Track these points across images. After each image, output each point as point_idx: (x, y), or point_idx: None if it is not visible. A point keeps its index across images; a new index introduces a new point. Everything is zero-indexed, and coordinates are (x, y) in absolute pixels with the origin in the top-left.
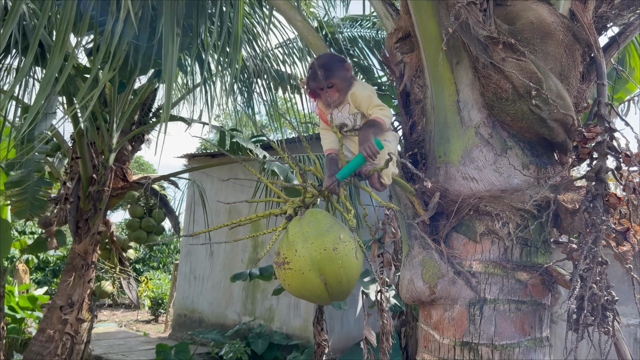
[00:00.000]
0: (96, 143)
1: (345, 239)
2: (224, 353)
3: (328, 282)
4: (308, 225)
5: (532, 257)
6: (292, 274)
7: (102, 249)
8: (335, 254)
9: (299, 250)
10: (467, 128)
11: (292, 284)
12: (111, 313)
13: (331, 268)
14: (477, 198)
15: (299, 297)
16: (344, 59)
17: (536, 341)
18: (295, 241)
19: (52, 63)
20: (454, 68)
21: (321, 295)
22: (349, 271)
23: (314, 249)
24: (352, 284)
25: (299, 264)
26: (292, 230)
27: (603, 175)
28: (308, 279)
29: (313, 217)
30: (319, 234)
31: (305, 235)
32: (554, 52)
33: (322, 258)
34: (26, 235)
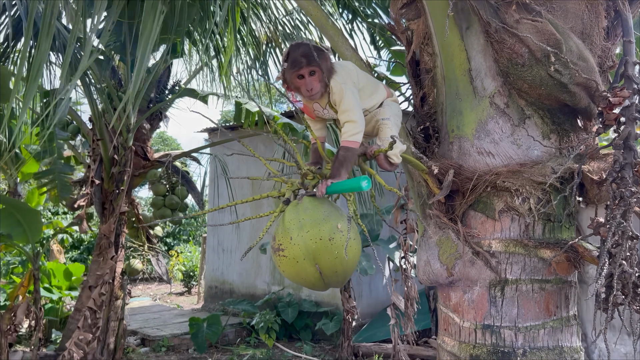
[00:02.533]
0: (114, 124)
1: (343, 229)
2: (255, 323)
3: (323, 271)
4: (305, 212)
5: (556, 232)
6: (286, 261)
7: (129, 227)
8: (331, 244)
9: (294, 238)
10: (481, 98)
11: (286, 270)
12: (145, 287)
13: (326, 258)
14: (494, 174)
15: (295, 282)
16: (324, 48)
17: (562, 321)
18: (291, 228)
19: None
20: (464, 34)
21: (316, 283)
22: (344, 262)
23: (309, 238)
24: (349, 273)
25: (293, 252)
26: (288, 216)
27: (632, 142)
28: (302, 268)
29: (311, 204)
30: (315, 223)
31: (301, 223)
32: (574, 8)
33: (317, 248)
34: (59, 216)
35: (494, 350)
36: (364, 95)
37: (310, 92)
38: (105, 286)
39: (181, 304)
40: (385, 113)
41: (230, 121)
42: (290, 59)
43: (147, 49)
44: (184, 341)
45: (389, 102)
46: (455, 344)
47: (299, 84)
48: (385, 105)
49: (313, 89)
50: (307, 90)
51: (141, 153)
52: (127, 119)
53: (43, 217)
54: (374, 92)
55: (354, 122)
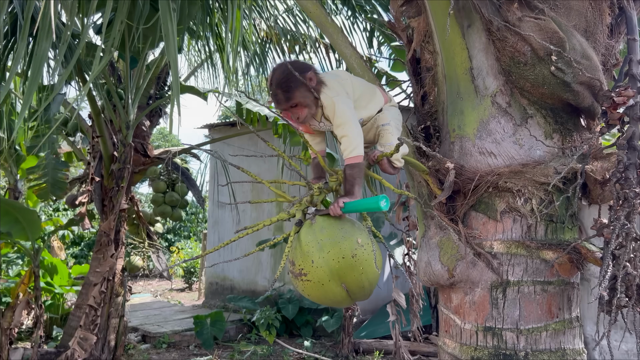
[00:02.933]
0: (113, 121)
1: (363, 242)
2: (256, 319)
3: (350, 289)
4: (321, 232)
5: (559, 233)
6: (311, 285)
7: (129, 224)
8: (355, 260)
9: (316, 261)
10: (483, 97)
11: (312, 294)
12: (146, 283)
13: (352, 276)
14: (495, 175)
15: (321, 303)
16: (304, 67)
17: (565, 323)
18: (310, 251)
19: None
20: (465, 32)
21: (343, 301)
22: (370, 275)
23: (331, 259)
24: (374, 285)
25: (317, 276)
26: (305, 238)
27: (636, 142)
28: (329, 290)
29: (326, 223)
30: (334, 242)
31: (320, 244)
32: (577, 5)
33: (341, 267)
34: (60, 212)
35: (496, 352)
36: (360, 105)
37: (298, 121)
38: (106, 283)
39: (182, 300)
40: (385, 118)
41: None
42: (272, 92)
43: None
44: (185, 338)
45: (388, 107)
46: (456, 346)
47: (287, 115)
48: (385, 110)
49: (300, 118)
50: (294, 119)
51: (141, 150)
52: (127, 115)
53: (44, 212)
54: (370, 100)
55: (348, 136)
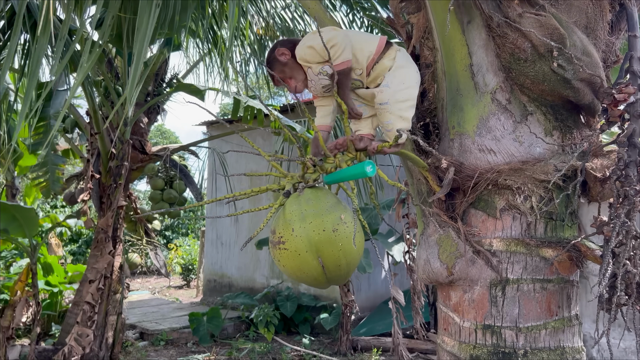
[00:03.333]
0: (111, 118)
1: (347, 220)
2: (254, 316)
3: (326, 265)
4: (307, 204)
5: (558, 231)
6: (287, 254)
7: (127, 221)
8: (335, 235)
9: (296, 229)
10: (483, 94)
11: (287, 265)
12: (144, 280)
13: (330, 250)
14: (495, 172)
15: (295, 279)
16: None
17: (564, 321)
18: (293, 220)
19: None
20: (465, 28)
21: (318, 278)
22: (349, 255)
23: (312, 229)
24: (352, 268)
25: (295, 245)
26: (289, 207)
27: (636, 139)
28: (304, 261)
29: (313, 195)
30: (318, 213)
31: (303, 214)
32: (578, 2)
33: (320, 239)
34: (57, 209)
35: (495, 350)
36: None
37: (295, 90)
38: (103, 280)
39: (180, 297)
40: (384, 97)
41: (229, 114)
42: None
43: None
44: (183, 335)
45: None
46: (455, 344)
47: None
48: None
49: (292, 87)
50: (292, 90)
51: (139, 146)
52: (125, 112)
53: (41, 210)
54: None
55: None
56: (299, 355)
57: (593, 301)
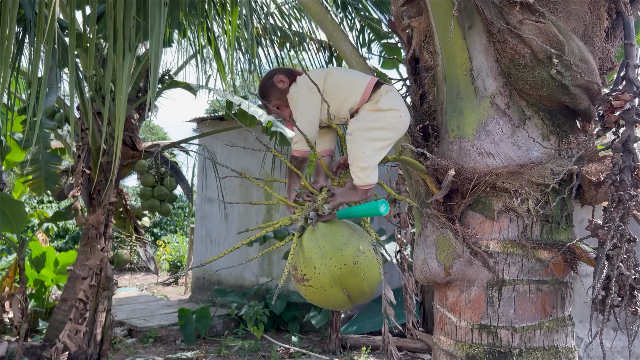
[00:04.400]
0: (102, 113)
1: (365, 249)
2: (243, 314)
3: (351, 294)
4: (324, 239)
5: (554, 234)
6: (313, 290)
7: (117, 218)
8: (356, 267)
9: (318, 267)
10: (482, 98)
11: (314, 299)
12: (132, 277)
13: (353, 282)
14: (494, 175)
15: (323, 307)
16: (272, 73)
17: (558, 321)
18: (313, 257)
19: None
20: (466, 33)
21: (344, 305)
22: (371, 281)
23: (333, 265)
24: (375, 289)
25: (319, 282)
26: (307, 244)
27: (631, 145)
28: (330, 295)
29: (328, 230)
30: (336, 249)
31: (322, 251)
32: (577, 10)
33: (342, 273)
34: (44, 205)
35: (491, 350)
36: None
37: (285, 119)
38: (95, 277)
39: (168, 294)
40: (351, 126)
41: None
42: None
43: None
44: (172, 332)
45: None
46: (451, 343)
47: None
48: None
49: (284, 117)
50: (281, 119)
51: (129, 143)
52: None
53: (28, 205)
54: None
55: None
56: (288, 353)
57: (580, 302)
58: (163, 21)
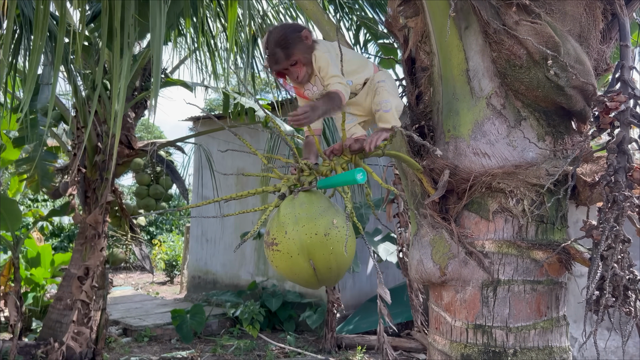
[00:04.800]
0: (98, 112)
1: (339, 224)
2: (239, 313)
3: (317, 267)
4: (301, 207)
5: (549, 234)
6: (280, 255)
7: (112, 216)
8: (327, 239)
9: (289, 232)
10: (478, 99)
11: (279, 265)
12: (127, 276)
13: (321, 254)
14: (489, 175)
15: (287, 279)
16: (299, 27)
17: (553, 321)
18: (286, 222)
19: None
20: (463, 34)
21: (309, 280)
22: (339, 258)
23: (304, 233)
24: (343, 271)
25: (287, 247)
26: (283, 210)
27: (626, 146)
28: (296, 263)
29: (307, 199)
30: (311, 217)
31: (296, 218)
32: (572, 11)
33: (312, 242)
34: (39, 203)
35: (485, 349)
36: (349, 69)
37: (298, 80)
38: (89, 276)
39: (163, 293)
40: (381, 76)
41: (215, 109)
42: (269, 52)
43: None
44: (167, 331)
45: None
46: (446, 343)
47: (285, 74)
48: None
49: (299, 77)
50: (293, 79)
51: (125, 141)
52: (112, 105)
53: (22, 204)
54: (360, 66)
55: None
56: (283, 353)
57: (574, 302)
58: (163, 20)
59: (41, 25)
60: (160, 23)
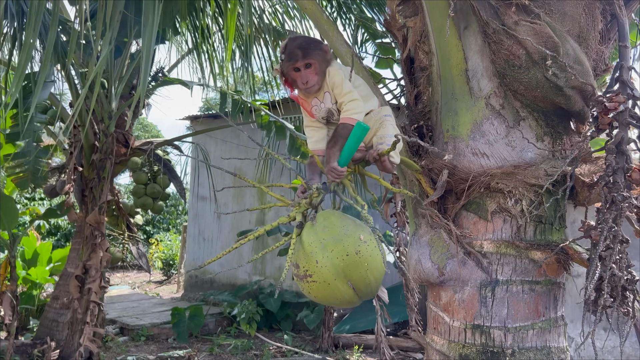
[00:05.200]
0: (95, 110)
1: (366, 239)
2: (237, 313)
3: (356, 286)
4: (323, 232)
5: (547, 234)
6: (317, 286)
7: (109, 215)
8: (359, 257)
9: (320, 260)
10: (477, 99)
11: (318, 296)
12: (124, 275)
13: (357, 273)
14: (488, 175)
15: (329, 305)
16: (321, 40)
17: (551, 322)
18: (314, 252)
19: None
20: (462, 34)
21: (351, 300)
22: (375, 271)
23: (335, 257)
24: (380, 280)
25: (322, 276)
26: (307, 239)
27: (625, 147)
28: (335, 289)
29: (327, 222)
30: (337, 240)
31: (323, 244)
32: (571, 11)
33: (345, 264)
34: (36, 202)
35: (483, 350)
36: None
37: (306, 85)
38: (90, 276)
39: (160, 292)
40: (387, 110)
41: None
42: (287, 52)
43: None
44: (164, 330)
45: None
46: (444, 343)
47: (295, 77)
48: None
49: (309, 82)
50: (303, 83)
51: (122, 140)
52: (109, 105)
53: (18, 203)
54: (368, 96)
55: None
56: (281, 352)
57: (571, 302)
58: (157, 17)
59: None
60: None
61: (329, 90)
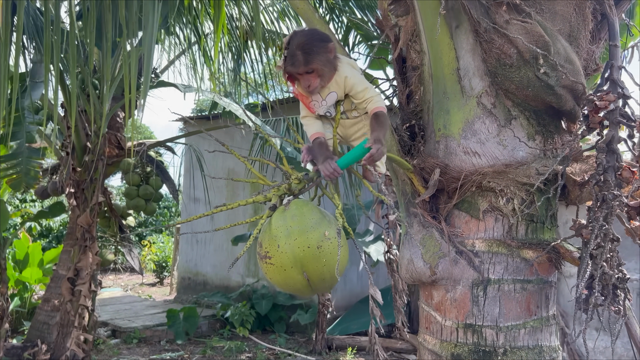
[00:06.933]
0: (87, 111)
1: (331, 236)
2: (229, 315)
3: (311, 279)
4: (292, 220)
5: (538, 233)
6: (273, 269)
7: (101, 217)
8: (319, 252)
9: (282, 246)
10: (469, 98)
11: (273, 278)
12: (116, 277)
13: (314, 266)
14: (479, 174)
15: (281, 290)
16: (326, 38)
17: (542, 320)
18: (278, 236)
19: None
20: (453, 32)
21: (303, 290)
22: (332, 269)
23: (297, 246)
24: (336, 280)
25: (280, 260)
26: (275, 223)
27: (615, 145)
28: (290, 276)
29: (298, 211)
30: (303, 230)
31: (288, 231)
32: (562, 11)
33: (304, 256)
34: (27, 204)
35: (475, 349)
36: None
37: (309, 89)
38: (81, 279)
39: (153, 294)
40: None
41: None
42: (289, 54)
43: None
44: (156, 333)
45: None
46: (436, 342)
47: (298, 77)
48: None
49: (311, 86)
50: (305, 86)
51: (115, 142)
52: (101, 106)
53: (10, 204)
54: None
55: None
56: (274, 354)
57: (563, 302)
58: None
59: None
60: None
61: (336, 91)
